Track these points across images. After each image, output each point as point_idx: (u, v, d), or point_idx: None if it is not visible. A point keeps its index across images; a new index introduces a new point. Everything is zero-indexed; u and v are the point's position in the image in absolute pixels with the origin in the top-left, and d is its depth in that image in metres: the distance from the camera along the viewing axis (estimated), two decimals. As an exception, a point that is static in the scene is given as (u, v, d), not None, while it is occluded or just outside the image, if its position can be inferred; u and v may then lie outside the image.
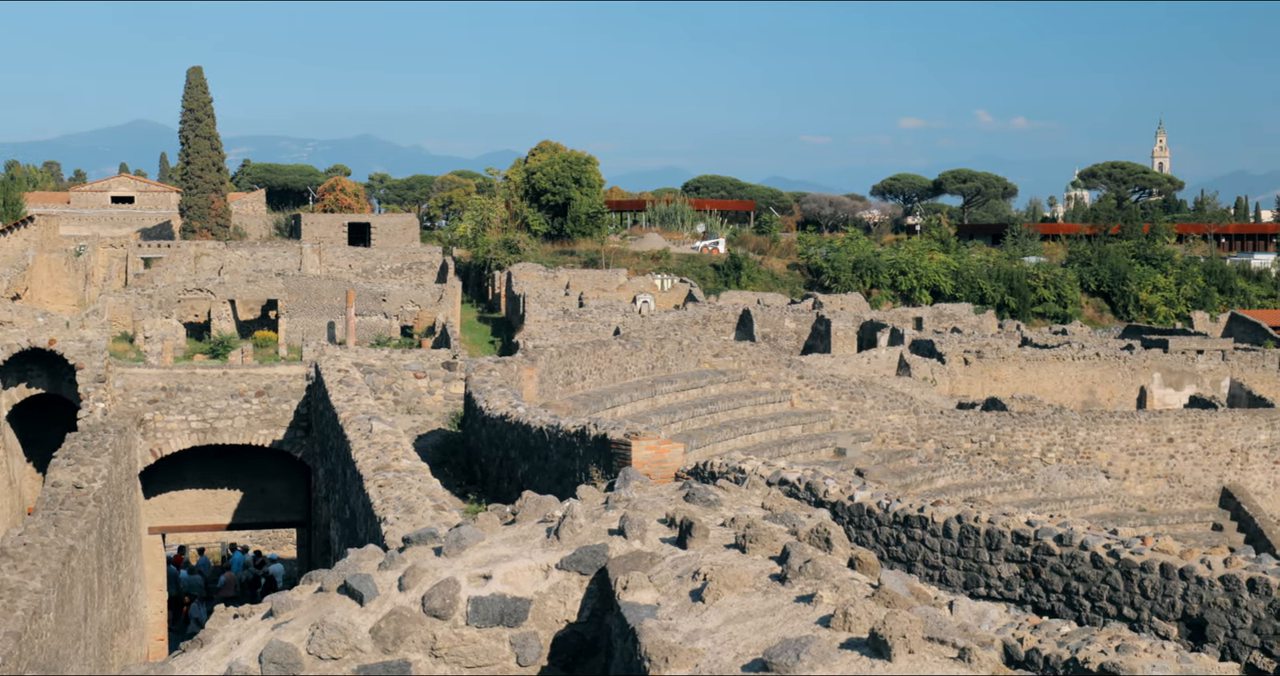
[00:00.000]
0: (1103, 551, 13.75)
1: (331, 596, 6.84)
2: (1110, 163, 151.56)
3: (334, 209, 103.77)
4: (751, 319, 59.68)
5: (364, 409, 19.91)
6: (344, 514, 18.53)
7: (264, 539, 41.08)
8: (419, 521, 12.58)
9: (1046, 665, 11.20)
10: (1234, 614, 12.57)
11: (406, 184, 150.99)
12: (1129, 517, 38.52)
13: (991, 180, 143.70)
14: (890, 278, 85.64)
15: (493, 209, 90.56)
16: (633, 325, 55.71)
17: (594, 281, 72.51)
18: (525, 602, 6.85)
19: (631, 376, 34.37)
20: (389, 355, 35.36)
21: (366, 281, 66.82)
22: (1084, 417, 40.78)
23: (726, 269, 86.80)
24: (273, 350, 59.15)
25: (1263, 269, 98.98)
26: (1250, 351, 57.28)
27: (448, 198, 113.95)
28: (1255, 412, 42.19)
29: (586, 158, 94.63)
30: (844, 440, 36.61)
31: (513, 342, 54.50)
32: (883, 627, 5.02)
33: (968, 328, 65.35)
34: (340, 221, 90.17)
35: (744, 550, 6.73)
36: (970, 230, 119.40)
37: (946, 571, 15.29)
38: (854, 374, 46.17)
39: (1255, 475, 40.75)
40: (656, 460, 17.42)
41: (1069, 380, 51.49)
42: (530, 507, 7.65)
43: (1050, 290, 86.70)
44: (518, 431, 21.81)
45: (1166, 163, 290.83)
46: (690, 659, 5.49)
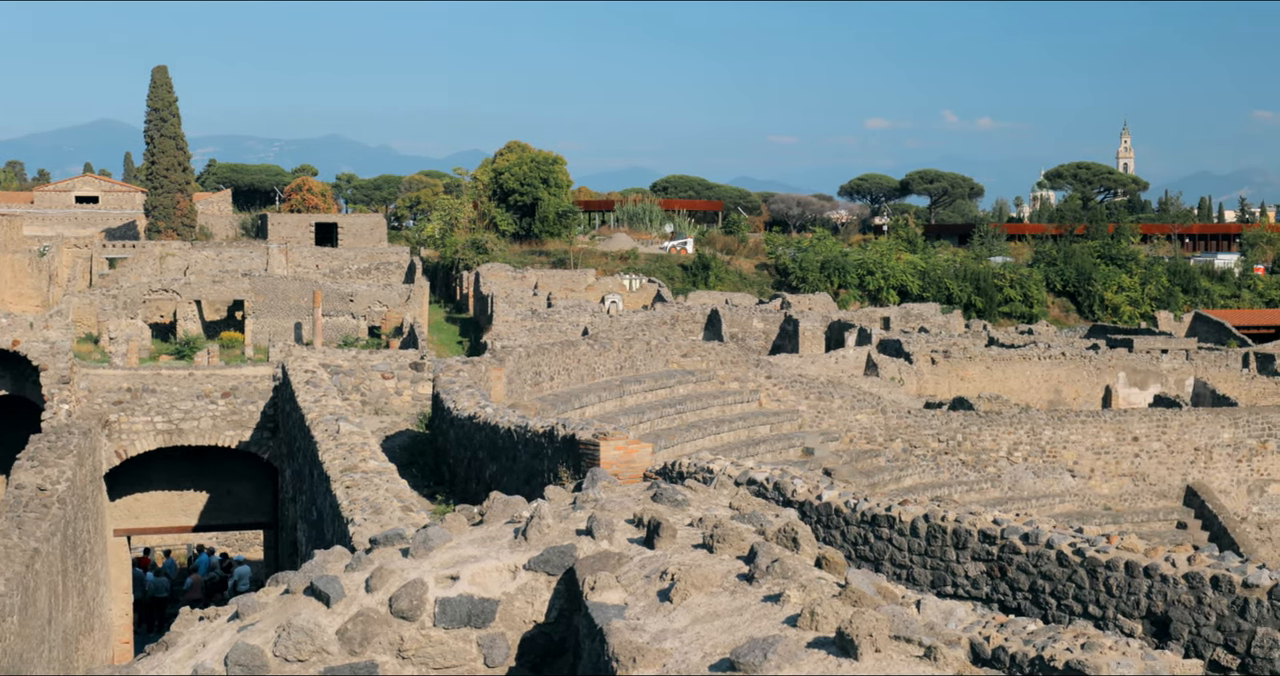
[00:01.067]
0: (1068, 550, 13.83)
1: (298, 598, 6.81)
2: (1076, 163, 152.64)
3: (301, 209, 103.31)
4: (720, 319, 59.76)
5: (331, 410, 19.84)
6: (311, 515, 18.45)
7: (230, 540, 40.87)
8: (386, 522, 12.55)
9: (1013, 663, 11.26)
10: (1198, 611, 12.67)
11: (374, 184, 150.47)
12: (1094, 516, 38.74)
13: (958, 180, 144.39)
14: (858, 278, 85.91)
15: (460, 209, 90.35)
16: (601, 325, 55.69)
17: (562, 281, 72.45)
18: (493, 603, 6.84)
19: (600, 377, 34.36)
20: (356, 356, 35.22)
21: (334, 282, 66.57)
22: (1050, 417, 41.00)
23: (694, 269, 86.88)
24: (239, 351, 58.85)
25: (1226, 269, 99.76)
26: (1214, 351, 57.73)
27: (415, 198, 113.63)
28: (1219, 411, 42.51)
29: (554, 158, 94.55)
30: (812, 440, 36.69)
31: (481, 343, 54.40)
32: (849, 627, 5.03)
33: (935, 327, 65.63)
34: (307, 221, 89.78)
35: (711, 550, 6.74)
36: (937, 230, 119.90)
37: (914, 570, 15.35)
38: (822, 374, 46.28)
39: (1219, 473, 41.06)
40: (625, 460, 17.41)
41: (1035, 380, 51.77)
42: (498, 508, 7.63)
43: (1016, 290, 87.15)
44: (486, 432, 21.77)
45: (1131, 163, 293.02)
46: (658, 659, 5.49)
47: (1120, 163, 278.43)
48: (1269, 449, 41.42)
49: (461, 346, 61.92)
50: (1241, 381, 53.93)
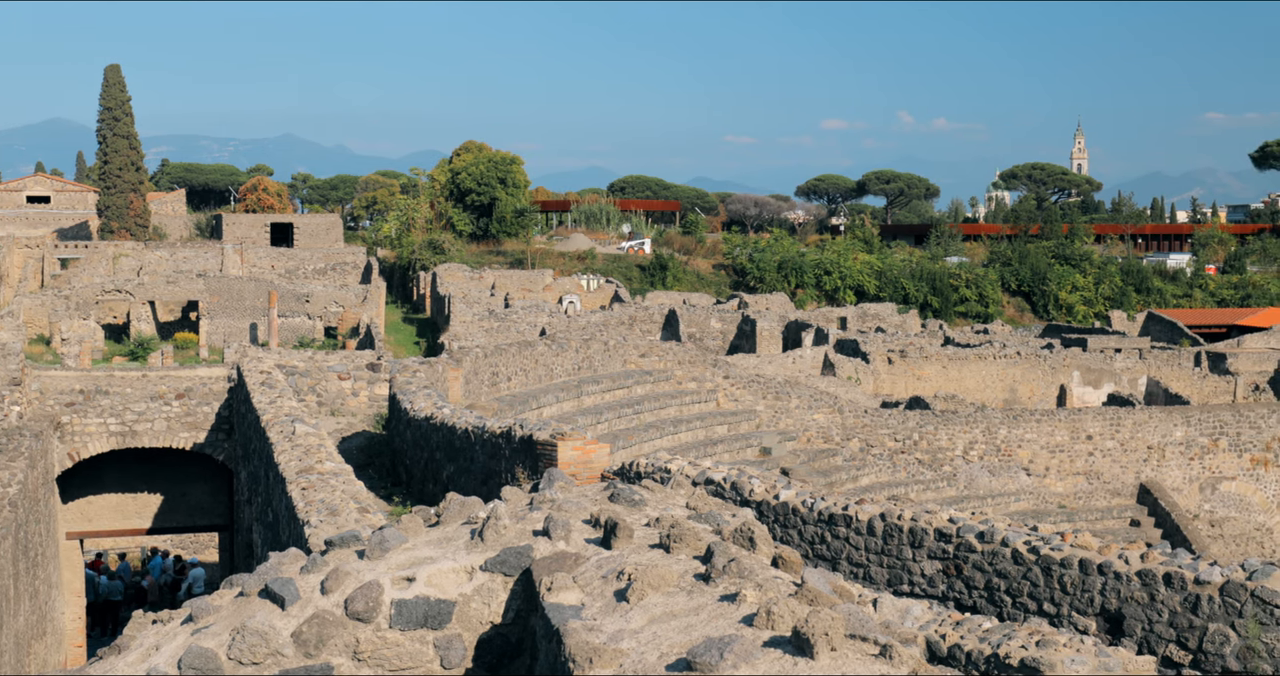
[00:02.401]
0: (1023, 548, 13.92)
1: (252, 600, 6.76)
2: (1030, 164, 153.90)
3: (256, 209, 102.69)
4: (677, 319, 59.81)
5: (287, 411, 19.72)
6: (266, 517, 18.34)
7: (185, 543, 40.56)
8: (343, 524, 12.48)
9: (969, 661, 11.33)
10: (1150, 608, 12.78)
11: (330, 184, 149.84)
12: (1049, 514, 39.02)
13: (914, 181, 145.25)
14: (815, 278, 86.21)
15: (417, 209, 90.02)
16: (559, 326, 55.63)
17: (520, 282, 72.31)
18: (449, 605, 6.82)
19: (557, 377, 34.31)
20: (312, 356, 35.02)
21: (289, 282, 66.19)
22: (1005, 416, 41.27)
23: (652, 269, 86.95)
24: (194, 352, 58.44)
25: (1178, 269, 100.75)
26: (1166, 350, 58.28)
27: (372, 198, 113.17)
28: (1171, 410, 42.91)
29: (511, 158, 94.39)
30: (769, 439, 36.78)
31: (438, 343, 54.24)
32: (805, 626, 5.05)
33: (891, 327, 65.94)
34: (262, 222, 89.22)
35: (668, 550, 6.74)
36: (893, 230, 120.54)
37: (870, 569, 15.41)
38: (779, 373, 46.40)
39: (1171, 471, 41.45)
40: (582, 460, 17.41)
41: (991, 379, 52.11)
42: (454, 509, 7.61)
43: (972, 290, 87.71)
44: (443, 433, 21.71)
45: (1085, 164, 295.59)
46: (614, 659, 5.48)
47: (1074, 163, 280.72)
48: (1220, 447, 41.85)
49: (419, 347, 61.70)
50: (1193, 380, 54.48)
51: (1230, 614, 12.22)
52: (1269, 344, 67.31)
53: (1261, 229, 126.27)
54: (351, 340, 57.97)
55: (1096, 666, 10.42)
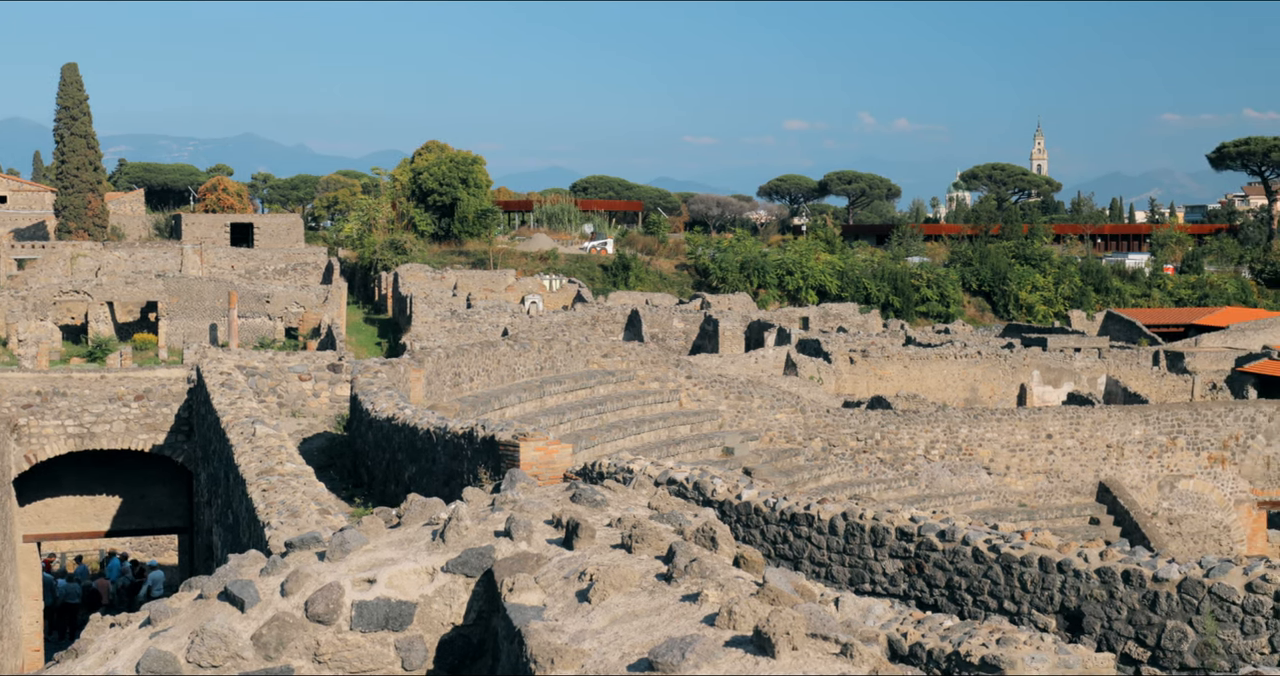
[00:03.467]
0: (984, 546, 14.00)
1: (212, 603, 6.72)
2: (991, 164, 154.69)
3: (216, 209, 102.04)
4: (640, 319, 59.82)
5: (247, 412, 19.60)
6: (227, 519, 18.22)
7: (145, 545, 40.27)
8: (304, 525, 12.42)
9: (930, 659, 11.38)
10: (1109, 605, 12.87)
11: (290, 184, 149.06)
12: (1010, 513, 39.24)
13: (876, 181, 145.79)
14: (777, 278, 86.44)
15: (379, 209, 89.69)
16: (521, 326, 55.54)
17: (482, 282, 72.15)
18: (410, 606, 6.79)
19: (520, 377, 34.25)
20: (273, 357, 34.84)
21: (250, 283, 65.81)
22: (966, 415, 41.48)
23: (615, 269, 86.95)
24: (153, 353, 58.00)
25: (1137, 268, 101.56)
26: (1125, 349, 58.73)
27: (333, 198, 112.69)
28: (1130, 409, 43.24)
29: (473, 158, 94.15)
30: (732, 439, 36.84)
31: (400, 344, 54.04)
32: (766, 625, 5.06)
33: (853, 327, 66.18)
34: (222, 222, 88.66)
35: (630, 550, 6.74)
36: (855, 231, 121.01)
37: (833, 568, 15.46)
38: (742, 373, 46.48)
39: (1130, 470, 41.77)
40: (545, 461, 17.38)
41: (952, 378, 52.38)
42: (416, 510, 7.58)
43: (933, 290, 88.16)
44: (404, 433, 21.63)
45: (1045, 164, 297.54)
46: (576, 659, 5.48)
47: (1034, 164, 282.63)
48: (1178, 445, 42.21)
49: (380, 347, 61.46)
50: (1152, 379, 54.92)
51: (1188, 610, 12.32)
52: (1226, 343, 67.98)
53: (1218, 229, 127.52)
54: (313, 341, 57.68)
55: (1056, 664, 10.49)
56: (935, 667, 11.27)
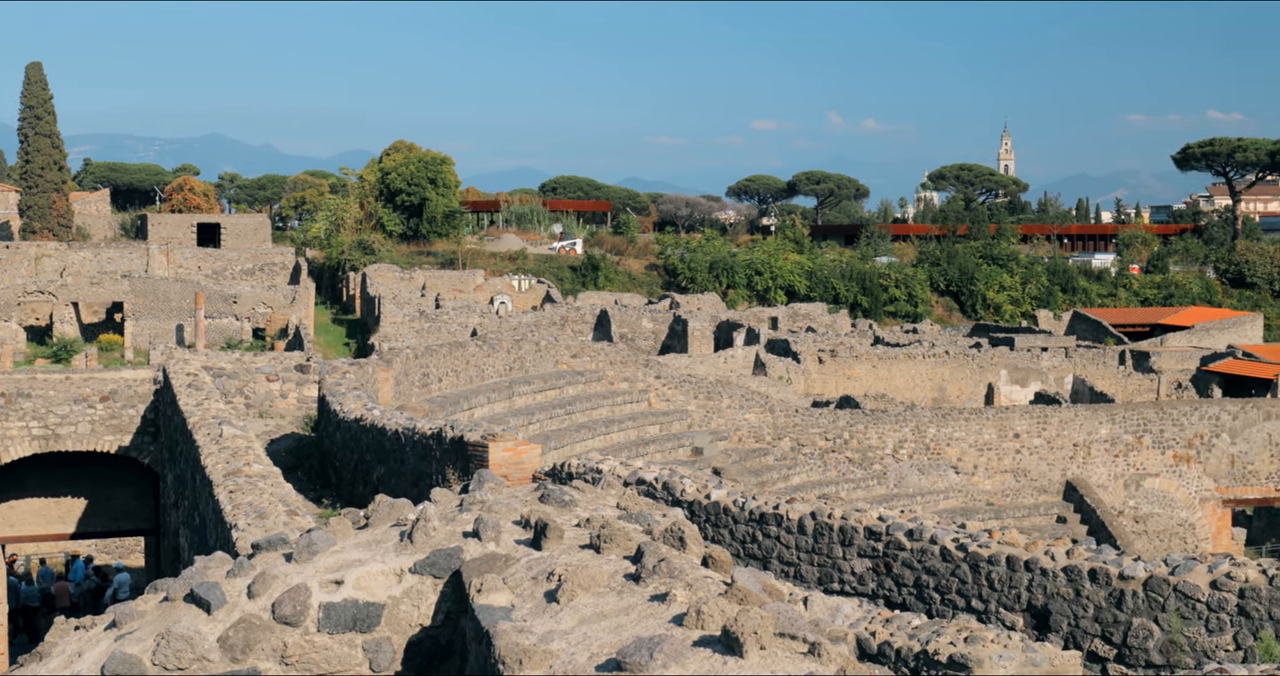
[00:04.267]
0: (951, 545, 14.06)
1: (177, 605, 6.68)
2: (958, 165, 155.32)
3: (182, 209, 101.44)
4: (609, 319, 59.80)
5: (214, 413, 19.50)
6: (193, 521, 18.12)
7: (110, 547, 40.00)
8: (271, 527, 12.36)
9: (898, 658, 11.42)
10: (1076, 603, 12.95)
11: (258, 184, 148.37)
12: (977, 512, 39.40)
13: (844, 181, 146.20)
14: (746, 278, 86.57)
15: (347, 209, 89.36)
16: (490, 326, 55.44)
17: (450, 282, 71.99)
18: (378, 607, 6.77)
19: (489, 378, 34.19)
20: (240, 358, 34.66)
21: (216, 283, 65.47)
22: (934, 414, 41.61)
23: (584, 269, 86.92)
24: (119, 354, 57.63)
25: (1103, 268, 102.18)
26: (1092, 348, 59.08)
27: (300, 198, 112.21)
28: (1096, 408, 43.47)
29: (442, 158, 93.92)
30: (701, 439, 36.86)
31: (368, 344, 53.87)
32: (735, 625, 5.06)
33: (822, 327, 66.33)
34: (189, 222, 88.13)
35: (598, 550, 6.74)
36: (824, 231, 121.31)
37: (801, 567, 15.49)
38: (711, 373, 46.51)
39: (1097, 468, 42.00)
40: (514, 461, 17.36)
41: (920, 378, 52.56)
42: (383, 511, 7.56)
43: (901, 290, 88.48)
44: (373, 434, 21.57)
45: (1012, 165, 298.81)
46: (544, 660, 5.47)
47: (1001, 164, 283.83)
48: (1144, 444, 42.48)
49: (348, 348, 61.24)
50: (1118, 378, 55.26)
51: (1154, 608, 12.41)
52: (1191, 342, 68.49)
53: (1184, 229, 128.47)
54: (280, 341, 57.44)
55: (1023, 662, 10.54)
56: (903, 666, 11.31)
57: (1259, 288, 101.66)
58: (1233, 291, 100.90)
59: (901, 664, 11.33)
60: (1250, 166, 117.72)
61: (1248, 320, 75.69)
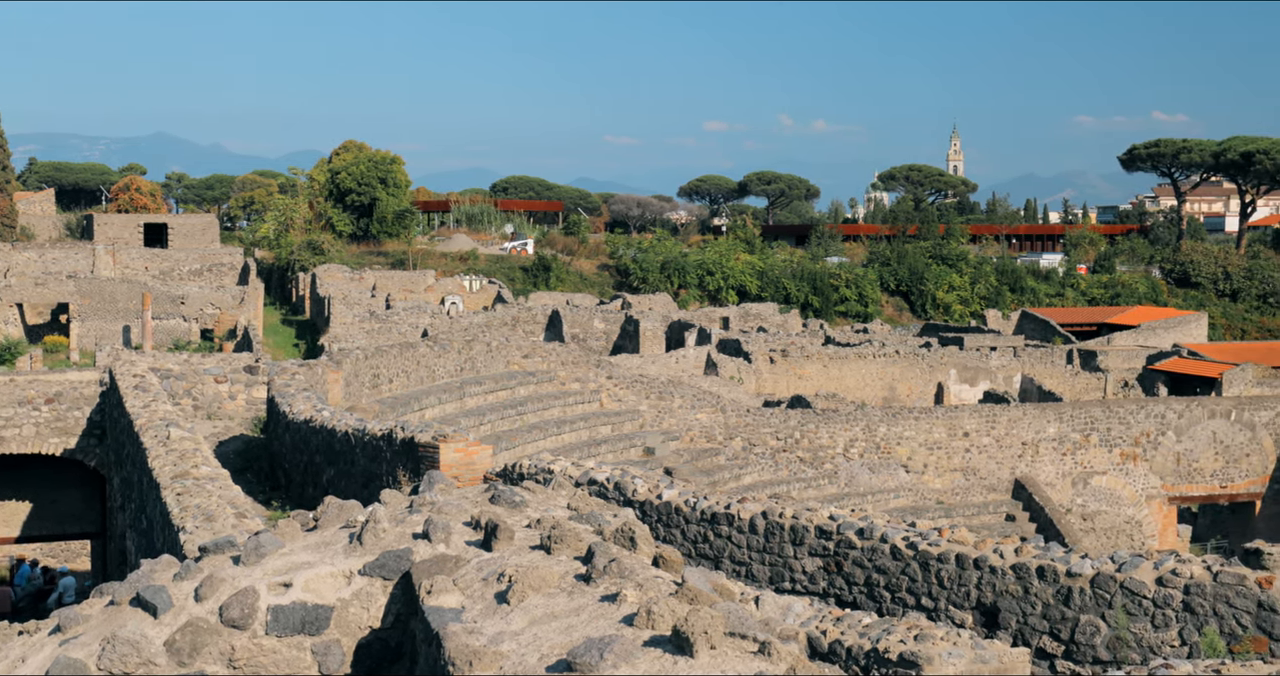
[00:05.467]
0: (902, 544, 14.13)
1: (123, 609, 6.61)
2: (908, 165, 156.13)
3: (129, 209, 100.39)
4: (560, 320, 59.73)
5: (161, 415, 19.32)
6: (140, 524, 17.95)
7: (56, 551, 39.53)
8: (219, 530, 12.26)
9: (849, 656, 11.46)
10: (1024, 600, 13.05)
11: (205, 183, 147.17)
12: (927, 510, 39.64)
13: (795, 182, 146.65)
14: (697, 278, 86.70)
15: (296, 209, 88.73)
16: (441, 327, 55.23)
17: (401, 283, 71.66)
18: (327, 610, 6.73)
19: (440, 378, 34.07)
20: (188, 359, 34.34)
21: (164, 284, 64.83)
22: (884, 414, 41.83)
23: (535, 270, 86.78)
24: (64, 355, 56.98)
25: (1051, 268, 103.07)
26: (1040, 347, 59.59)
27: (249, 198, 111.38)
28: (1045, 407, 43.85)
29: (392, 158, 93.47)
30: (653, 439, 36.89)
31: (318, 345, 53.53)
32: (685, 624, 5.06)
33: (773, 327, 66.52)
34: (135, 222, 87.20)
35: (549, 551, 6.72)
36: (775, 231, 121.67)
37: (753, 567, 15.53)
38: (662, 373, 46.55)
39: (1045, 467, 42.36)
40: (465, 462, 17.32)
41: (870, 377, 52.82)
42: (332, 513, 7.51)
43: (852, 290, 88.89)
44: (322, 436, 21.44)
45: (961, 166, 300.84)
46: (495, 661, 5.45)
47: (950, 165, 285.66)
48: (1091, 442, 42.88)
49: (298, 349, 60.83)
50: (1066, 377, 55.75)
51: (1100, 605, 12.52)
52: (1137, 342, 69.21)
53: (1130, 229, 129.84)
54: (229, 342, 56.95)
55: (972, 659, 10.61)
56: (854, 664, 11.36)
57: (1203, 287, 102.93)
58: (1178, 291, 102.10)
59: (852, 662, 11.38)
60: (1195, 167, 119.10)
61: (1192, 319, 76.62)
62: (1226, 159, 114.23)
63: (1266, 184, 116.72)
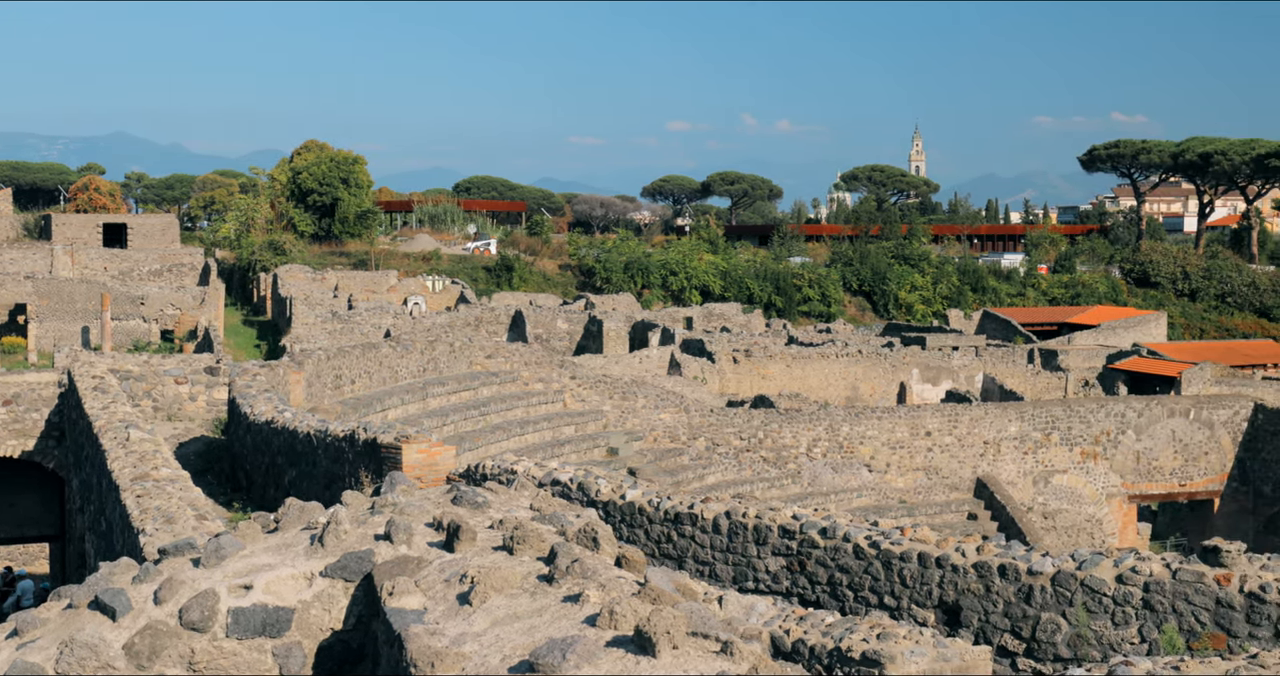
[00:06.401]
0: (864, 543, 14.17)
1: (82, 612, 6.55)
2: (870, 166, 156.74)
3: (87, 209, 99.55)
4: (524, 320, 59.62)
5: (121, 416, 19.17)
6: (100, 526, 17.80)
7: (15, 554, 39.16)
8: (180, 532, 12.17)
9: (812, 655, 11.49)
10: (986, 599, 13.11)
11: (165, 183, 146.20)
12: (890, 509, 39.80)
13: (758, 182, 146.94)
14: (661, 278, 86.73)
15: (257, 209, 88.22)
16: (404, 327, 55.03)
17: (363, 283, 71.36)
18: (288, 612, 6.69)
19: (402, 379, 33.95)
20: (148, 360, 34.08)
21: (123, 284, 64.33)
22: (847, 413, 41.98)
23: (498, 270, 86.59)
24: (22, 357, 56.45)
25: (1012, 268, 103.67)
26: (1001, 347, 59.94)
27: (210, 198, 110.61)
28: (1006, 406, 44.11)
29: (354, 157, 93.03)
30: (616, 439, 36.88)
31: (279, 346, 53.22)
32: (647, 624, 5.06)
33: (736, 327, 66.62)
34: (94, 222, 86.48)
35: (512, 552, 6.71)
36: (738, 231, 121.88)
37: (716, 567, 15.54)
38: (626, 373, 46.54)
39: (1006, 465, 42.61)
40: (428, 463, 17.25)
41: (833, 377, 52.98)
42: (294, 515, 7.47)
43: (815, 290, 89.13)
44: (284, 437, 21.32)
45: (923, 166, 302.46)
46: (457, 662, 5.44)
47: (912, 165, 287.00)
48: (1052, 441, 43.17)
49: (259, 350, 60.47)
50: (1027, 376, 56.08)
51: (1061, 603, 12.60)
52: (1097, 341, 69.72)
53: (1090, 229, 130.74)
54: (189, 343, 56.55)
55: (935, 657, 10.66)
56: (817, 663, 11.38)
57: (1163, 287, 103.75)
58: (1137, 291, 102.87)
59: (815, 661, 11.40)
60: (1154, 168, 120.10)
61: (1152, 319, 77.25)
62: (1185, 160, 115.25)
63: (1224, 184, 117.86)
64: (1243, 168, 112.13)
